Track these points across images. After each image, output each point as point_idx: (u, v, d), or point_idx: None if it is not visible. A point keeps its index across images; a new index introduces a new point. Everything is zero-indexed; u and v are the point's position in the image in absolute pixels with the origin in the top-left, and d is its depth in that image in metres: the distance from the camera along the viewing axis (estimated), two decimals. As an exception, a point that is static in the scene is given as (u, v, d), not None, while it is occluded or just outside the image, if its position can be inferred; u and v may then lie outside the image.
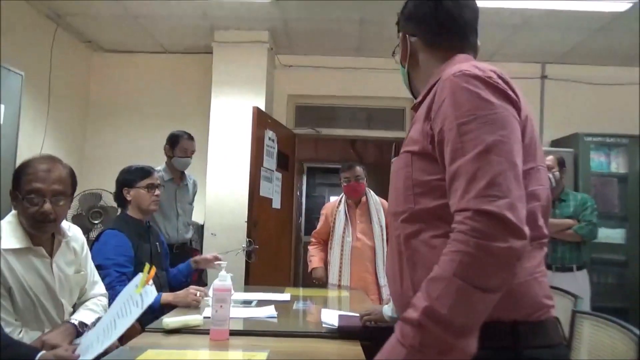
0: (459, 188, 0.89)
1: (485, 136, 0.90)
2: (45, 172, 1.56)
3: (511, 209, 0.85)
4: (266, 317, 2.00)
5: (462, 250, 0.84)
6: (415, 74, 1.21)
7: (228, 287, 1.71)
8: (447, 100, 0.96)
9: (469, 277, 0.83)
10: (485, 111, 0.92)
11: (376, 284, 3.10)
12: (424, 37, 1.16)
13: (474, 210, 0.85)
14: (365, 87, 4.85)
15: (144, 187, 2.37)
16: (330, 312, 2.00)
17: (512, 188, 0.87)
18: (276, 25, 4.22)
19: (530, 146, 0.99)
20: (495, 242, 0.83)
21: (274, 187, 4.21)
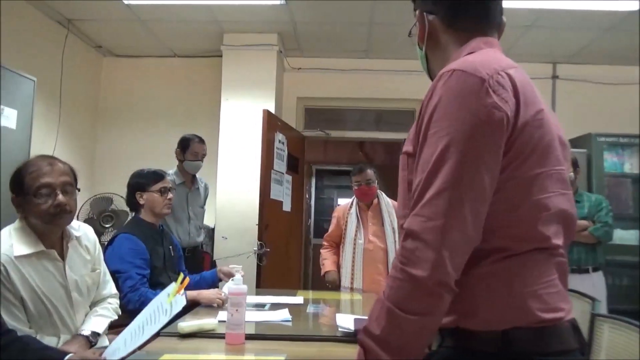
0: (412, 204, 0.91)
1: (440, 152, 0.87)
2: (49, 167, 1.57)
3: (436, 233, 0.84)
4: (281, 321, 1.99)
5: (392, 274, 0.89)
6: (433, 56, 1.11)
7: (243, 291, 1.71)
8: (428, 104, 0.93)
9: (395, 300, 0.86)
10: (448, 122, 0.88)
11: (388, 286, 3.07)
12: (444, 15, 1.07)
13: (406, 232, 0.88)
14: (374, 89, 4.84)
15: (156, 191, 2.38)
16: (346, 317, 1.98)
17: (449, 210, 0.85)
18: (285, 28, 4.22)
19: (536, 150, 0.92)
20: (414, 269, 0.85)
21: (284, 190, 4.20)
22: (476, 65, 0.91)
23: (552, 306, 0.91)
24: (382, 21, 3.97)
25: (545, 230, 0.92)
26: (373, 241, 3.10)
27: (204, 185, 3.55)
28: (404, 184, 1.02)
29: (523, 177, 0.91)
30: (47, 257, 1.59)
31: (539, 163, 0.92)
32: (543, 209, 0.92)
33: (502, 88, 0.89)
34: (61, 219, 1.59)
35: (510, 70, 0.93)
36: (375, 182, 3.13)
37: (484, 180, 0.87)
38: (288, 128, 4.37)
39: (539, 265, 0.92)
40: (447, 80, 0.91)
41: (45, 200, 1.54)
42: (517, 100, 0.90)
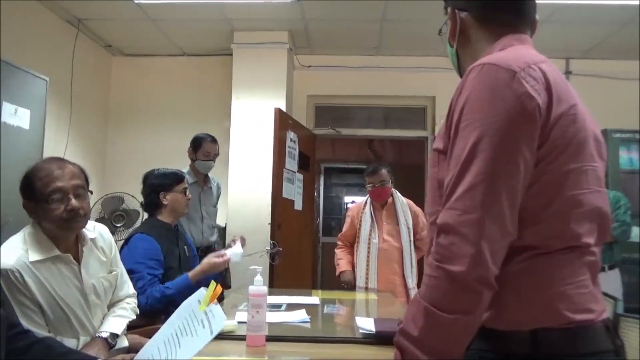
0: (444, 198, 0.89)
1: (473, 143, 0.85)
2: (60, 170, 1.54)
3: (473, 226, 0.82)
4: (299, 322, 1.97)
5: (428, 273, 0.87)
6: (464, 54, 1.10)
7: (264, 292, 1.68)
8: (458, 98, 0.91)
9: (433, 300, 0.84)
10: (480, 115, 0.86)
11: (404, 286, 3.05)
12: (476, 12, 1.05)
13: (440, 227, 0.86)
14: (384, 86, 4.80)
15: (180, 191, 2.40)
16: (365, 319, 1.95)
17: (485, 202, 0.82)
18: (296, 25, 4.20)
19: (570, 145, 0.89)
20: (451, 265, 0.82)
21: (295, 189, 4.18)
22: (507, 59, 0.90)
23: (583, 307, 0.89)
24: (393, 18, 3.93)
25: (578, 228, 0.90)
26: (388, 240, 3.07)
27: (216, 185, 3.54)
28: (433, 181, 1.00)
29: (556, 172, 0.89)
30: (62, 261, 1.56)
31: (573, 158, 0.90)
32: (576, 205, 0.90)
33: (534, 80, 0.88)
34: (75, 223, 1.56)
35: (542, 65, 0.92)
36: (389, 182, 3.09)
37: (519, 171, 0.85)
38: (299, 126, 4.34)
39: (570, 265, 0.90)
40: (478, 73, 0.90)
41: (57, 206, 1.51)
42: (550, 94, 0.89)
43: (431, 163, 1.03)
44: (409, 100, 4.95)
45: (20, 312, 1.43)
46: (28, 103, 2.85)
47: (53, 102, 3.74)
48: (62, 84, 3.99)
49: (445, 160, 0.95)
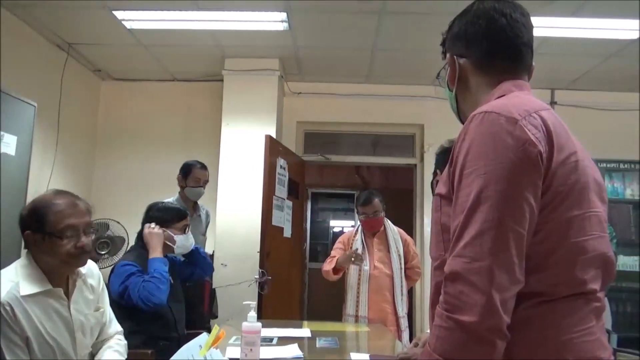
0: (451, 246, 0.88)
1: (477, 191, 0.85)
2: (73, 207, 1.55)
3: (483, 274, 0.81)
4: (292, 358, 1.92)
5: (437, 324, 0.85)
6: (464, 99, 1.12)
7: (257, 329, 1.65)
8: (461, 145, 0.92)
9: (445, 352, 0.82)
10: (484, 162, 0.86)
11: (395, 314, 3.01)
12: (475, 59, 1.07)
13: (447, 275, 0.85)
14: (374, 114, 4.84)
15: (179, 229, 2.39)
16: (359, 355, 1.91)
17: (493, 249, 0.82)
18: (287, 53, 4.23)
19: (572, 192, 0.90)
20: (462, 315, 0.81)
21: (284, 216, 4.14)
22: (508, 106, 0.91)
23: (591, 355, 0.88)
24: (384, 47, 3.98)
25: (583, 275, 0.90)
26: (379, 267, 3.04)
27: (205, 212, 3.49)
28: (437, 225, 1.00)
29: (560, 220, 0.88)
30: (53, 295, 1.53)
31: (576, 205, 0.90)
32: (581, 252, 0.90)
33: (535, 128, 0.88)
34: (81, 260, 1.57)
35: (542, 112, 0.93)
36: (382, 212, 3.07)
37: (525, 218, 0.85)
38: (289, 153, 4.33)
39: (576, 313, 0.89)
40: (480, 121, 0.91)
41: (68, 242, 1.51)
42: (551, 142, 0.89)
43: (434, 207, 1.03)
44: (398, 128, 4.99)
45: (6, 347, 1.40)
46: (15, 129, 2.80)
47: (40, 126, 3.69)
48: (50, 109, 3.93)
49: (448, 205, 0.96)
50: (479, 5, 1.08)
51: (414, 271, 3.18)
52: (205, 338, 1.35)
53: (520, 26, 1.05)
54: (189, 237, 2.46)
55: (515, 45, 1.05)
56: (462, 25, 1.09)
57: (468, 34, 1.08)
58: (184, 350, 1.39)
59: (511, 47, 1.05)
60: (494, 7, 1.05)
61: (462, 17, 1.11)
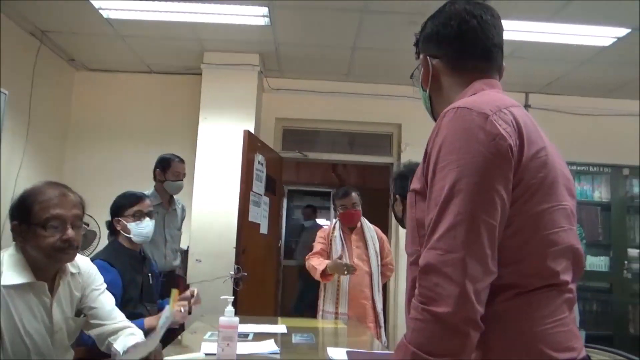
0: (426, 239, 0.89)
1: (450, 185, 0.87)
2: (62, 198, 1.47)
3: (456, 265, 0.82)
4: (269, 353, 1.91)
5: (413, 316, 0.86)
6: (437, 98, 1.14)
7: (235, 323, 1.63)
8: (434, 140, 0.94)
9: (420, 344, 0.83)
10: (457, 156, 0.88)
11: (373, 309, 3.03)
12: (447, 60, 1.10)
13: (422, 267, 0.86)
14: (352, 112, 4.85)
15: (131, 216, 2.25)
16: (337, 350, 1.92)
17: (466, 241, 0.83)
18: (267, 48, 4.20)
19: (542, 186, 0.92)
20: (437, 307, 0.82)
21: (261, 212, 4.12)
22: (480, 103, 0.94)
23: (564, 345, 0.91)
24: (364, 46, 4.00)
25: (555, 266, 0.92)
26: (358, 264, 3.05)
27: (181, 207, 3.44)
28: (412, 221, 1.02)
29: (531, 213, 0.91)
30: (36, 290, 1.46)
31: (545, 198, 0.93)
32: (552, 244, 0.93)
33: (505, 123, 0.91)
34: (66, 255, 1.48)
35: (512, 109, 0.95)
36: (359, 205, 3.10)
37: (497, 210, 0.87)
38: (267, 149, 4.31)
39: (549, 304, 0.92)
40: (453, 117, 0.93)
41: (52, 233, 1.43)
42: (521, 137, 0.92)
43: (409, 204, 1.04)
44: (376, 127, 5.02)
45: None
46: (-16, 117, 2.70)
47: (10, 115, 3.58)
48: (21, 97, 3.81)
49: (422, 201, 0.97)
50: (450, 7, 1.10)
51: (387, 267, 3.23)
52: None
53: (491, 27, 1.08)
54: (146, 225, 2.27)
55: (485, 46, 1.07)
56: (435, 27, 1.12)
57: (440, 34, 1.10)
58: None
59: (482, 48, 1.07)
60: (465, 8, 1.08)
61: (435, 18, 1.13)
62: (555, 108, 4.79)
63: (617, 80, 4.46)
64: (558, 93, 4.85)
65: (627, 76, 4.34)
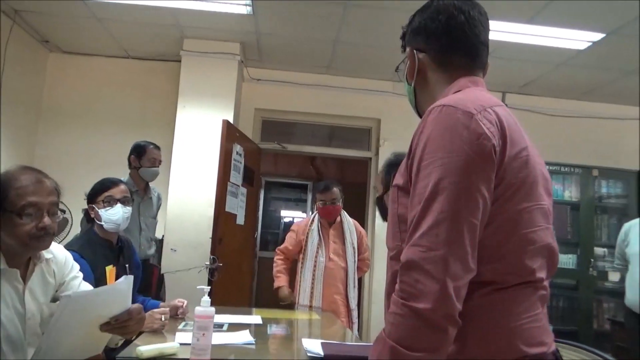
0: (408, 235, 0.90)
1: (434, 183, 0.87)
2: (38, 185, 1.41)
3: (437, 263, 0.83)
4: (244, 344, 1.91)
5: (392, 311, 0.87)
6: (422, 92, 1.14)
7: (211, 314, 1.62)
8: (419, 137, 0.95)
9: (399, 338, 0.84)
10: (442, 154, 0.89)
11: (346, 306, 3.06)
12: (434, 54, 1.10)
13: (404, 263, 0.87)
14: (332, 105, 4.86)
15: (103, 202, 2.17)
16: (312, 341, 1.93)
17: (448, 239, 0.84)
18: (248, 38, 4.16)
19: (523, 185, 0.94)
20: (417, 302, 0.83)
21: (238, 203, 4.10)
22: (464, 101, 0.95)
23: (537, 340, 0.93)
24: (346, 40, 4.00)
25: (532, 264, 0.94)
26: (334, 259, 3.07)
27: (157, 195, 3.40)
28: (394, 217, 1.02)
29: (511, 212, 0.93)
30: (8, 276, 1.41)
31: (525, 198, 0.95)
32: (530, 242, 0.95)
33: (490, 123, 0.92)
34: (42, 242, 1.43)
35: (496, 108, 0.96)
36: (340, 200, 3.11)
37: (479, 209, 0.88)
38: (246, 140, 4.28)
39: (524, 300, 0.94)
40: (438, 114, 0.93)
41: (29, 221, 1.38)
42: (504, 136, 0.93)
43: (391, 199, 1.04)
44: (355, 121, 5.03)
45: None
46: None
47: (-21, 96, 3.47)
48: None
49: (405, 197, 0.98)
50: (439, 1, 1.11)
51: (364, 263, 3.27)
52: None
53: (478, 24, 1.08)
54: (116, 212, 2.16)
55: (472, 43, 1.08)
56: (423, 20, 1.12)
57: (428, 28, 1.10)
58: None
59: (469, 44, 1.08)
60: (454, 4, 1.08)
61: (423, 12, 1.13)
62: (531, 109, 4.88)
63: (591, 84, 4.58)
64: (534, 94, 4.95)
65: (601, 80, 4.46)
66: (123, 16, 3.83)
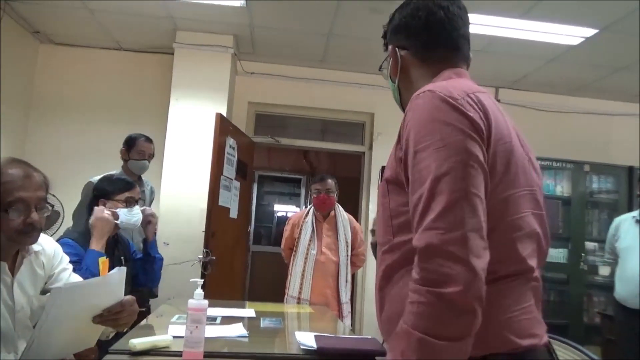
0: (415, 221, 0.87)
1: (438, 163, 0.86)
2: (26, 179, 1.39)
3: (460, 243, 0.81)
4: (237, 337, 1.91)
5: (415, 300, 0.82)
6: (406, 89, 1.14)
7: (204, 306, 1.62)
8: (409, 124, 0.94)
9: (427, 328, 0.80)
10: (440, 135, 0.88)
11: (337, 299, 3.07)
12: (415, 51, 1.12)
13: (422, 249, 0.83)
14: (326, 99, 4.85)
15: (122, 202, 2.21)
16: (305, 334, 1.93)
17: (465, 218, 0.83)
18: (242, 30, 4.13)
19: (508, 171, 0.94)
20: (446, 288, 0.79)
21: (232, 197, 4.09)
22: (448, 87, 0.95)
23: (528, 332, 0.94)
24: (340, 33, 3.98)
25: (522, 251, 0.95)
26: (326, 253, 3.08)
27: (150, 189, 3.37)
28: (385, 211, 1.01)
29: (498, 199, 0.92)
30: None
31: (511, 184, 0.95)
32: (517, 229, 0.95)
33: (473, 108, 0.92)
34: (30, 238, 1.42)
35: (478, 94, 0.97)
36: (335, 192, 3.12)
37: (482, 185, 0.88)
38: (239, 133, 4.26)
39: (516, 292, 0.94)
40: (425, 99, 0.94)
41: (16, 217, 1.36)
42: (488, 122, 0.93)
43: (381, 193, 1.03)
44: (349, 115, 5.02)
45: None
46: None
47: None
48: (-21, 69, 3.64)
49: (396, 190, 0.98)
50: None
51: (359, 258, 3.27)
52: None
53: (458, 19, 1.10)
54: (135, 213, 2.26)
55: (452, 37, 1.10)
56: (403, 18, 1.13)
57: (408, 26, 1.12)
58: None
59: (449, 39, 1.09)
60: (433, 0, 1.10)
61: (402, 9, 1.14)
62: (523, 104, 4.90)
63: (583, 79, 4.61)
64: (526, 89, 4.97)
65: (593, 76, 4.49)
66: (114, 7, 3.79)
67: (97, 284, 1.44)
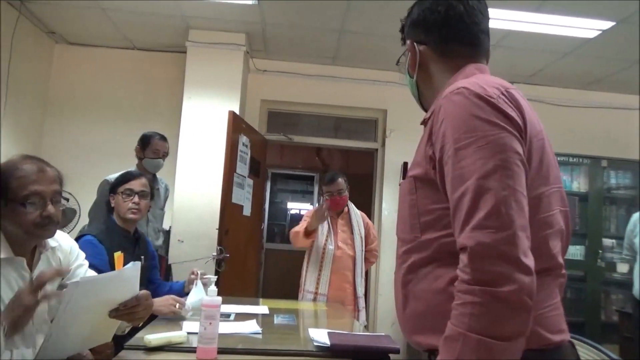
0: (460, 219, 0.86)
1: (484, 161, 0.85)
2: (40, 173, 1.41)
3: (511, 242, 0.80)
4: (250, 333, 1.92)
5: (469, 301, 0.80)
6: (425, 85, 1.14)
7: (217, 303, 1.63)
8: (445, 122, 0.92)
9: (484, 329, 0.79)
10: (482, 133, 0.87)
11: (354, 294, 3.08)
12: (434, 45, 1.10)
13: (472, 248, 0.82)
14: (339, 96, 4.83)
15: (121, 193, 2.23)
16: (318, 331, 1.93)
17: (514, 216, 0.82)
18: (254, 28, 4.14)
19: (541, 169, 0.94)
20: (502, 287, 0.78)
21: (245, 194, 4.10)
22: (481, 84, 0.93)
23: (558, 328, 0.94)
24: (352, 30, 3.97)
25: (552, 248, 0.95)
26: (342, 248, 3.09)
27: (164, 186, 3.40)
28: (412, 208, 0.99)
29: (532, 195, 0.91)
30: (14, 265, 1.42)
31: (544, 181, 0.95)
32: (548, 226, 0.95)
33: (509, 105, 0.91)
34: (47, 231, 1.44)
35: (511, 90, 0.95)
36: (346, 191, 3.12)
37: (524, 183, 0.87)
38: (252, 131, 4.27)
39: (547, 289, 0.94)
40: (461, 97, 0.92)
41: (33, 210, 1.38)
42: (523, 117, 0.92)
43: (407, 190, 1.02)
44: (361, 112, 5.00)
45: None
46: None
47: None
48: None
49: (425, 187, 0.97)
50: None
51: (372, 254, 3.28)
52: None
53: (477, 13, 1.08)
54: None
55: (473, 32, 1.08)
56: (421, 12, 1.11)
57: (427, 20, 1.10)
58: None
59: (469, 33, 1.08)
60: None
61: (421, 3, 1.13)
62: (539, 98, 4.82)
63: (600, 73, 4.53)
64: (541, 84, 4.90)
65: (610, 69, 4.40)
66: (127, 7, 3.82)
67: (112, 278, 1.45)
